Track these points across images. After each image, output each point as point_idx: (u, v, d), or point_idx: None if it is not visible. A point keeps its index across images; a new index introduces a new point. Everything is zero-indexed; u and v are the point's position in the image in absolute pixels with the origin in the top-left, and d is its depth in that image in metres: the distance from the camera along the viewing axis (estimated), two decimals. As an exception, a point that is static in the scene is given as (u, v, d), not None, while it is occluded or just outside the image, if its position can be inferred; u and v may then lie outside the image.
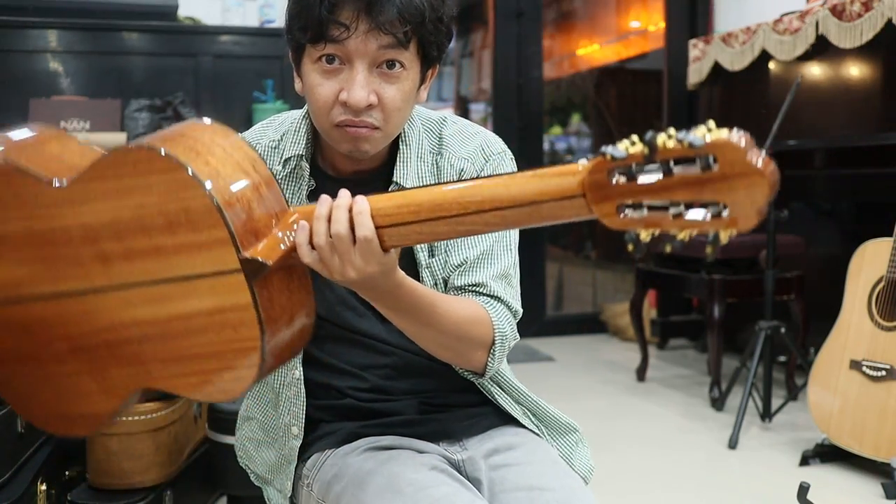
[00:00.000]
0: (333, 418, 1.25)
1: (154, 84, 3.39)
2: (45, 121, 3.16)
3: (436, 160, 1.24)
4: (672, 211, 0.74)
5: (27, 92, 3.25)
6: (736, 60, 3.85)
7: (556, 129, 7.98)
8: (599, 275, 6.14)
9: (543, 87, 4.91)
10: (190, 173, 0.87)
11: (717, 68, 4.02)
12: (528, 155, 4.56)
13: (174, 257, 0.90)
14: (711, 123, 0.72)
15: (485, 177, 1.01)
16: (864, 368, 2.53)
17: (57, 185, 0.96)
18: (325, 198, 0.94)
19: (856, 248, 2.66)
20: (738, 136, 0.71)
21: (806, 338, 3.34)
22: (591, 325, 4.95)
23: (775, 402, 3.11)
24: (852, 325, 2.61)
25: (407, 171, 1.20)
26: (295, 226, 0.93)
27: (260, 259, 0.88)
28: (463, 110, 8.21)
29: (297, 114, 1.26)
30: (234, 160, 0.91)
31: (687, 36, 4.58)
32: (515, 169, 1.20)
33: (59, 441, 2.07)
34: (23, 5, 3.32)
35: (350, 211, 0.91)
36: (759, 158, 0.70)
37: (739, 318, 3.85)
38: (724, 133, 0.71)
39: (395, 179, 1.20)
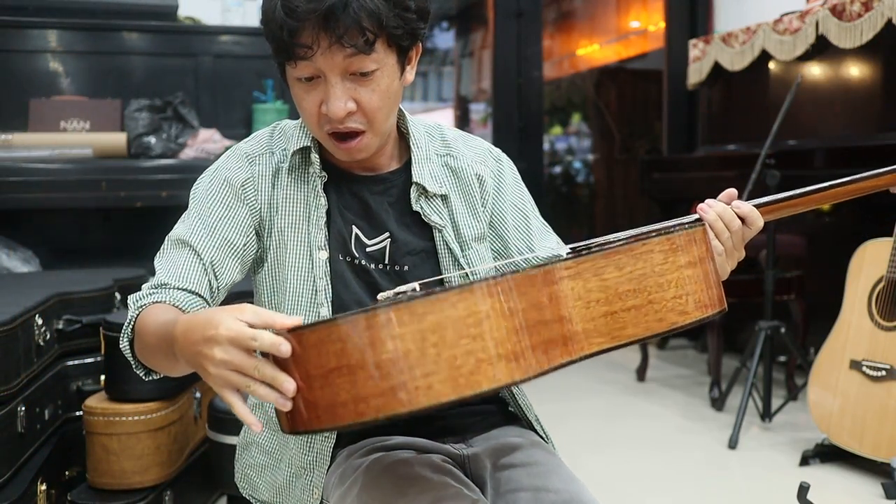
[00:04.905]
0: None
1: (154, 84, 3.39)
2: (45, 121, 3.19)
3: (446, 161, 1.31)
4: None
5: (27, 92, 3.25)
6: (736, 60, 3.85)
7: (556, 129, 7.98)
8: (599, 275, 6.13)
9: (543, 87, 4.91)
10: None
11: (717, 68, 4.02)
12: (528, 155, 4.56)
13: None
14: None
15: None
16: (864, 368, 2.53)
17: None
18: (713, 205, 1.19)
19: (856, 248, 2.66)
20: None
21: (806, 338, 3.33)
22: (591, 325, 4.93)
23: (775, 402, 3.11)
24: (852, 325, 2.61)
25: (423, 171, 1.27)
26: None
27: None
28: (463, 110, 8.22)
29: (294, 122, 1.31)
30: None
31: (687, 36, 4.58)
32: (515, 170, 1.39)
33: (59, 441, 2.07)
34: (23, 5, 3.32)
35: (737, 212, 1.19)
36: None
37: (739, 318, 3.85)
38: None
39: (415, 180, 1.26)
